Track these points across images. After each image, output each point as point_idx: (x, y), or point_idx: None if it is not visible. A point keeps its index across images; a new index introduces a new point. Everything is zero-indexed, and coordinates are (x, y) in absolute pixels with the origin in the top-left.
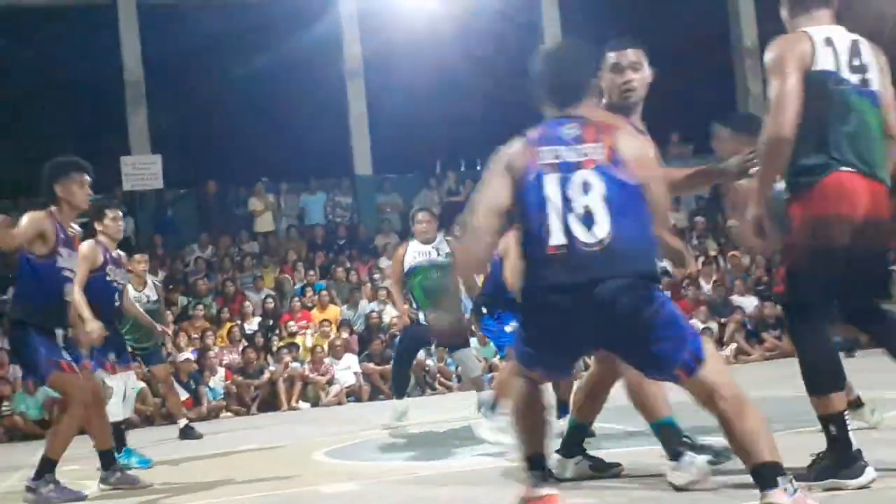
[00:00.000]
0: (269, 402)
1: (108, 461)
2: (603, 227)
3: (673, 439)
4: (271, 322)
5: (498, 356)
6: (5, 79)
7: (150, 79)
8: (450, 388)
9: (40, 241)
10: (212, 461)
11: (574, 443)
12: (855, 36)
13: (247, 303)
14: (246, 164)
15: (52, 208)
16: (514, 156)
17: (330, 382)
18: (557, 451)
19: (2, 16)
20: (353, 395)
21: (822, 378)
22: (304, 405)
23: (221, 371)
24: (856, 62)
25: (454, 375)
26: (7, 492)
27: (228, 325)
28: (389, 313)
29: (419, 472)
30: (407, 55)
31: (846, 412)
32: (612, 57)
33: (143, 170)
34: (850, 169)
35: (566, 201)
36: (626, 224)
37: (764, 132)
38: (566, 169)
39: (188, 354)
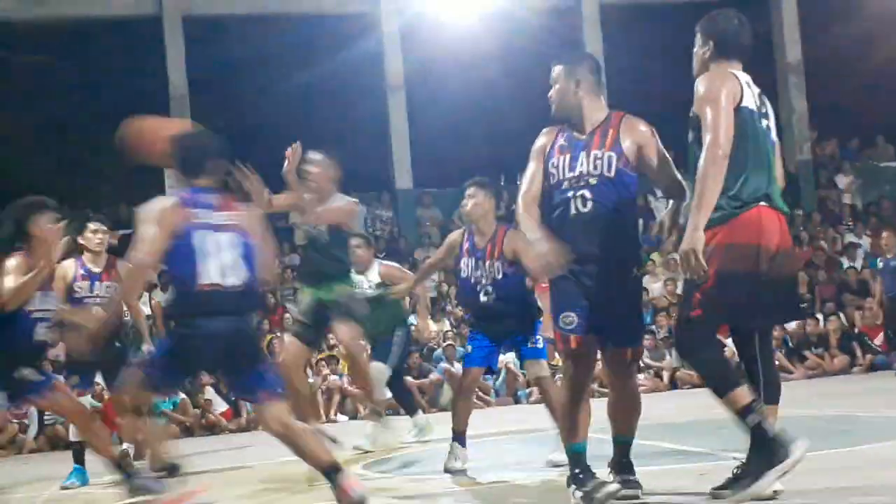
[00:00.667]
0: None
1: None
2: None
3: (580, 465)
4: None
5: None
6: (49, 93)
7: (194, 93)
8: (487, 403)
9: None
10: (252, 472)
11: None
12: (757, 88)
13: (287, 315)
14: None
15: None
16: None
17: None
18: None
19: (46, 30)
20: (391, 408)
21: (723, 381)
22: (342, 418)
23: None
24: (763, 109)
25: (491, 390)
26: (48, 499)
27: (269, 336)
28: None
29: (458, 485)
30: (448, 71)
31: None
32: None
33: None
34: (766, 204)
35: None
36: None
37: (704, 155)
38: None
39: None
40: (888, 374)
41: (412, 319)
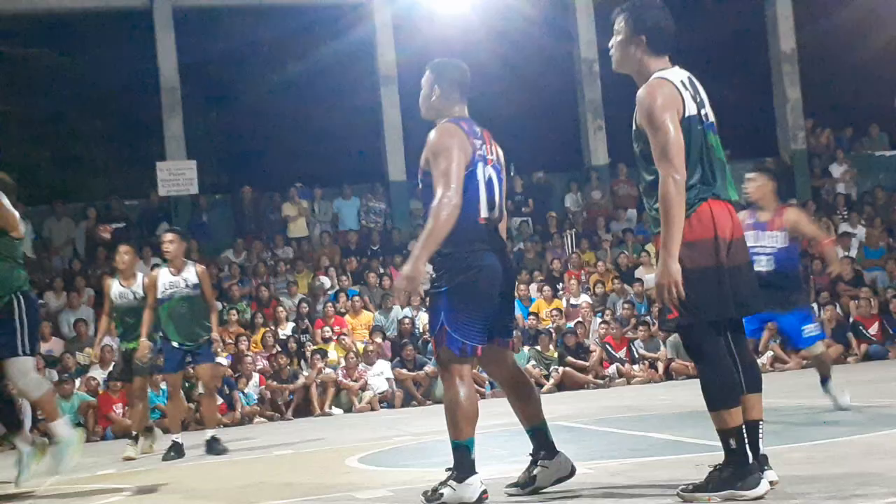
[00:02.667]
0: (303, 408)
1: None
2: None
3: (464, 461)
4: (305, 327)
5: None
6: (41, 85)
7: (185, 85)
8: (482, 395)
9: None
10: (246, 466)
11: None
12: (687, 73)
13: (280, 308)
14: (280, 170)
15: None
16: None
17: (363, 388)
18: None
19: (38, 22)
20: (385, 401)
21: (720, 394)
22: (336, 411)
23: (256, 376)
24: (698, 98)
25: (486, 382)
26: (45, 492)
27: (262, 330)
28: (422, 319)
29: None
30: None
31: (743, 427)
32: None
33: (178, 175)
34: (715, 198)
35: None
36: None
37: (665, 185)
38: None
39: (222, 360)
40: (883, 364)
41: None
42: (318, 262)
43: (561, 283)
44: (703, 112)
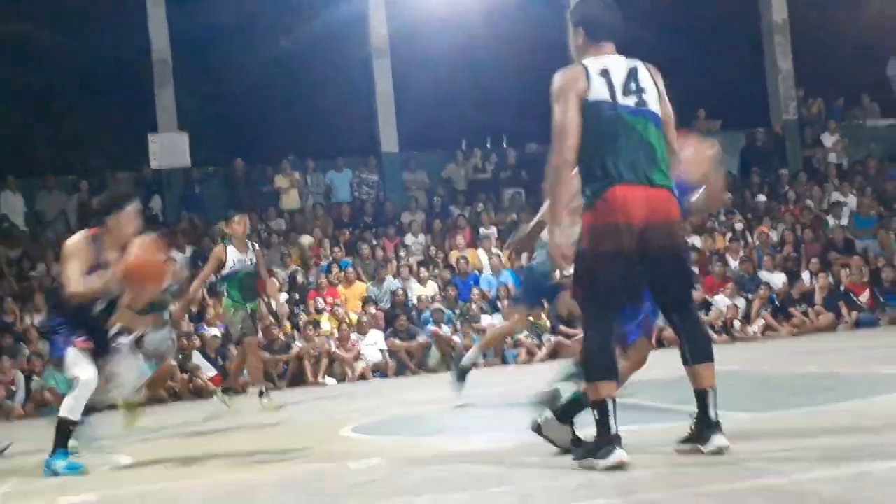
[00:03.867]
0: (296, 378)
1: None
2: None
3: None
4: (298, 297)
5: None
6: (33, 58)
7: (177, 57)
8: (476, 365)
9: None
10: (240, 435)
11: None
12: (634, 63)
13: (274, 279)
14: (273, 142)
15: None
16: None
17: (356, 358)
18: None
19: None
20: (378, 370)
21: (595, 368)
22: (329, 381)
23: None
24: (632, 86)
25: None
26: (37, 465)
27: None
28: (415, 290)
29: (446, 448)
30: (433, 33)
31: (607, 402)
32: None
33: (170, 148)
34: (627, 182)
35: None
36: None
37: (548, 165)
38: None
39: (216, 330)
40: (873, 332)
41: None
42: (310, 234)
43: None
44: (627, 98)
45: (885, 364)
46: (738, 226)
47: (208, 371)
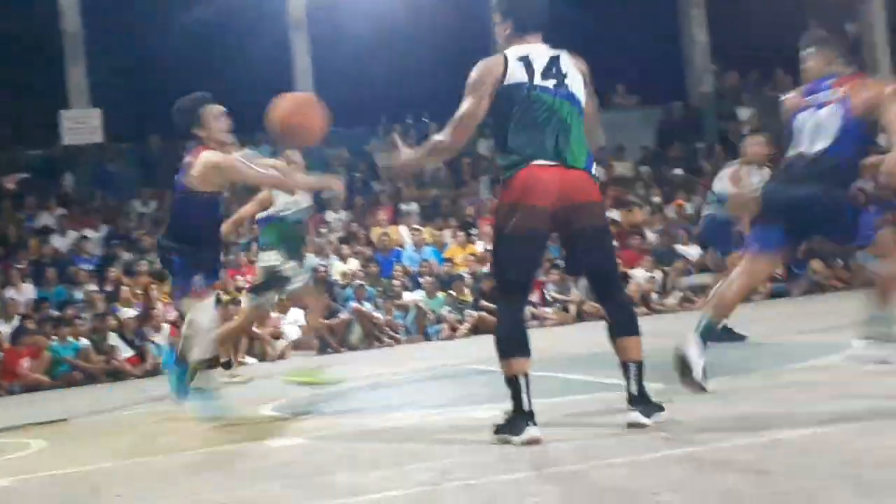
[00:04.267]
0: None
1: None
2: None
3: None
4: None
5: None
6: None
7: (88, 30)
8: (398, 341)
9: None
10: (158, 418)
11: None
12: (556, 52)
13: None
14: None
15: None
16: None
17: (276, 337)
18: None
19: None
20: (299, 348)
21: (505, 344)
22: (250, 360)
23: (167, 327)
24: (553, 70)
25: (401, 328)
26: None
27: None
28: (336, 267)
29: (366, 426)
30: (351, 7)
31: (520, 378)
32: None
33: (82, 124)
34: (541, 162)
35: None
36: None
37: (443, 135)
38: None
39: (132, 311)
40: (787, 301)
41: None
42: (229, 211)
43: (475, 229)
44: (546, 81)
45: (798, 334)
46: (656, 199)
47: (125, 352)
